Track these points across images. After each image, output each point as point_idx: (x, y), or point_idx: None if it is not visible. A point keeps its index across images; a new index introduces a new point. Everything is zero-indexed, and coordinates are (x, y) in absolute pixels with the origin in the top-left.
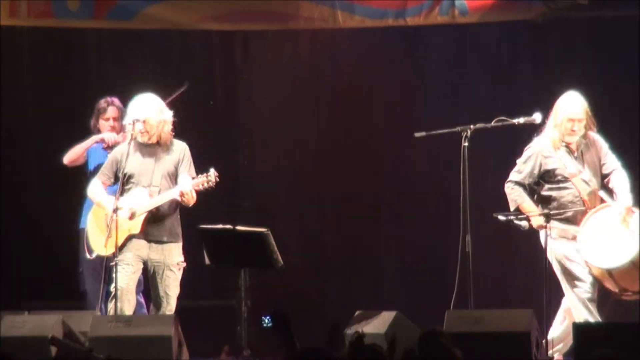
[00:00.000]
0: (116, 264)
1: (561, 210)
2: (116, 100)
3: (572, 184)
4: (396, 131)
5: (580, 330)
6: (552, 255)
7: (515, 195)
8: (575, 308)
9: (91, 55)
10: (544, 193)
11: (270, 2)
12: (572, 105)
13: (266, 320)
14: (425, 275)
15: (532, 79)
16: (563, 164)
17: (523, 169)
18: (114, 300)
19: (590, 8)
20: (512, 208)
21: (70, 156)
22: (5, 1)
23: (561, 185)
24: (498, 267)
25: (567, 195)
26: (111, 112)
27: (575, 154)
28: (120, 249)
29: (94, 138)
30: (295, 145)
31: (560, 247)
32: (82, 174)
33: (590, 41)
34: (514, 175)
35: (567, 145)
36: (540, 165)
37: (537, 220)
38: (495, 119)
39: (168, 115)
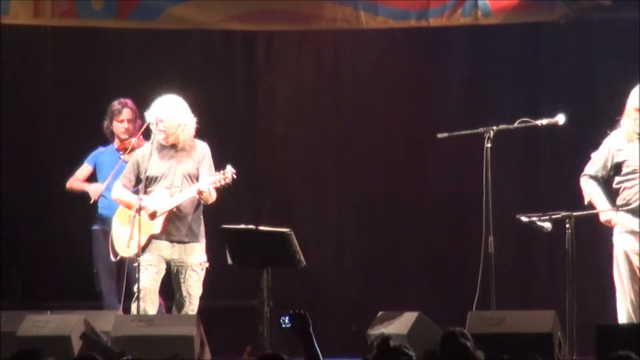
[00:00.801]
0: (138, 265)
1: (628, 204)
2: (130, 102)
3: None
4: (419, 132)
5: (602, 331)
6: (615, 250)
7: (587, 189)
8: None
9: (113, 56)
10: (614, 186)
11: (293, 3)
12: (637, 96)
13: (285, 321)
14: (448, 276)
15: (555, 80)
16: (634, 156)
17: (597, 162)
18: (137, 301)
19: (613, 9)
20: (585, 202)
21: (68, 186)
22: (29, 1)
23: (630, 177)
24: (520, 268)
25: (635, 187)
26: (126, 114)
27: None
28: (142, 249)
29: (82, 187)
30: (316, 146)
31: (624, 240)
32: (92, 178)
33: (613, 42)
34: (587, 169)
35: None
36: (612, 158)
37: (604, 216)
38: (518, 120)
39: (190, 118)
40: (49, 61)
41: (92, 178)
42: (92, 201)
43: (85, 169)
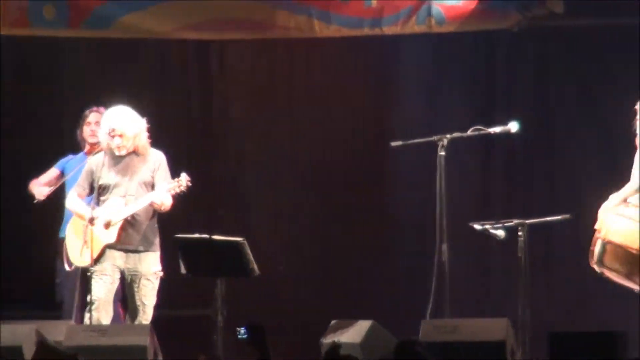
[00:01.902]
0: (91, 274)
1: None
2: (102, 109)
3: None
4: (373, 141)
5: (555, 338)
6: None
7: None
8: None
9: (66, 64)
10: None
11: (247, 12)
12: None
13: (242, 332)
14: (401, 285)
15: (508, 88)
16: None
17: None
18: (91, 311)
19: (566, 17)
20: None
21: (29, 188)
22: None
23: None
24: (474, 276)
25: None
26: (93, 117)
27: None
28: (97, 259)
29: (32, 188)
30: (271, 155)
31: None
32: (60, 178)
33: (566, 50)
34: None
35: None
36: None
37: None
38: (472, 128)
39: (142, 126)
40: (3, 70)
41: (59, 180)
42: (35, 201)
43: (50, 173)
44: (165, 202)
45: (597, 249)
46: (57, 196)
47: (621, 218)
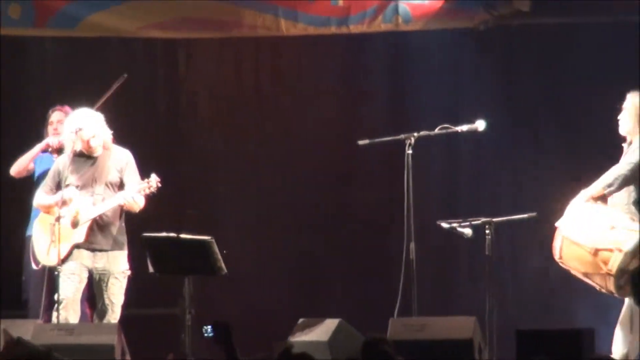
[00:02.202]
0: (59, 274)
1: None
2: (66, 108)
3: None
4: (340, 139)
5: (522, 336)
6: None
7: None
8: None
9: (32, 65)
10: None
11: (214, 11)
12: None
13: (208, 330)
14: (369, 283)
15: (475, 86)
16: None
17: None
18: (58, 310)
19: (532, 15)
20: None
21: (17, 168)
22: None
23: None
24: (441, 274)
25: None
26: (55, 116)
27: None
28: (65, 258)
29: (39, 146)
30: (238, 153)
31: None
32: (27, 181)
33: (532, 48)
34: None
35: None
36: None
37: None
38: (439, 127)
39: (105, 127)
40: None
41: (30, 176)
42: (50, 150)
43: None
44: (137, 202)
45: (556, 243)
46: (24, 194)
47: (582, 216)
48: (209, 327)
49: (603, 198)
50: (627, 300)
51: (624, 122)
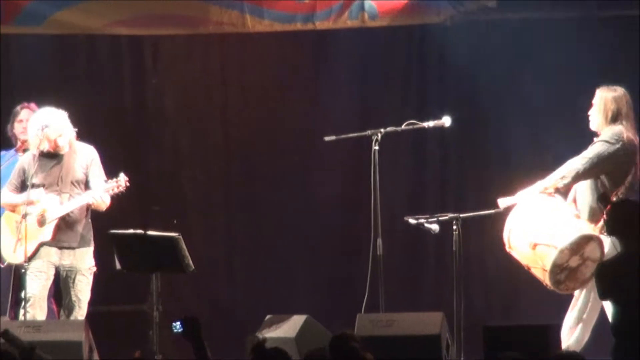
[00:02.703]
0: (25, 271)
1: None
2: (32, 105)
3: None
4: (306, 135)
5: (490, 332)
6: None
7: None
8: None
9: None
10: None
11: (179, 7)
12: None
13: (177, 326)
14: (336, 279)
15: (441, 82)
16: None
17: None
18: (26, 307)
19: (498, 10)
20: None
21: None
22: None
23: None
24: (409, 270)
25: None
26: (24, 114)
27: None
28: (31, 256)
29: None
30: (204, 149)
31: None
32: None
33: (499, 43)
34: None
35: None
36: None
37: None
38: (405, 123)
39: (69, 124)
40: None
41: None
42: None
43: None
44: (105, 201)
45: (504, 234)
46: None
47: (529, 209)
48: (178, 322)
49: (565, 191)
50: (584, 294)
51: (593, 117)
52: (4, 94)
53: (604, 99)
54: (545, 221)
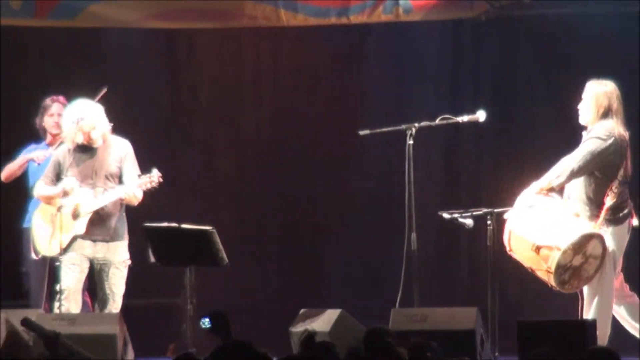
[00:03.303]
0: (60, 264)
1: None
2: (61, 98)
3: None
4: (340, 129)
5: (524, 327)
6: None
7: None
8: None
9: (32, 55)
10: None
11: (214, 1)
12: None
13: (205, 322)
14: (371, 273)
15: (476, 76)
16: None
17: None
18: (60, 300)
19: (532, 6)
20: None
21: (6, 173)
22: None
23: None
24: (443, 265)
25: None
26: (56, 108)
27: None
28: (65, 249)
29: (26, 157)
30: (239, 144)
31: None
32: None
33: (532, 38)
34: None
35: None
36: None
37: None
38: (440, 117)
39: (105, 118)
40: None
41: (24, 174)
42: (37, 164)
43: (17, 160)
44: (137, 196)
45: (505, 236)
46: (20, 186)
47: (529, 210)
48: (207, 318)
49: (560, 189)
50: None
51: (584, 112)
52: (39, 88)
53: (596, 94)
54: (545, 222)
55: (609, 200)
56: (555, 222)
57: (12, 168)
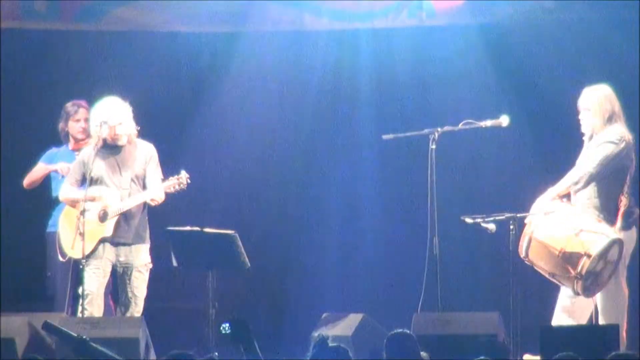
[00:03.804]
0: (84, 267)
1: None
2: (84, 103)
3: None
4: (364, 133)
5: (546, 332)
6: None
7: None
8: None
9: (57, 57)
10: None
11: (236, 4)
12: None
13: (225, 328)
14: (393, 278)
15: (499, 81)
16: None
17: None
18: (83, 305)
19: (556, 10)
20: None
21: (28, 180)
22: None
23: None
24: (465, 269)
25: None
26: (81, 113)
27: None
28: (91, 252)
29: (49, 167)
30: (262, 148)
31: None
32: (48, 177)
33: (556, 43)
34: None
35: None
36: None
37: None
38: (463, 122)
39: (132, 118)
40: None
41: (45, 178)
42: (61, 177)
43: (40, 168)
44: (160, 197)
45: (524, 242)
46: (45, 190)
47: (551, 216)
48: (227, 324)
49: (568, 194)
50: None
51: (589, 120)
52: (61, 92)
53: (598, 99)
54: (570, 228)
55: (623, 205)
56: (580, 228)
57: (33, 177)
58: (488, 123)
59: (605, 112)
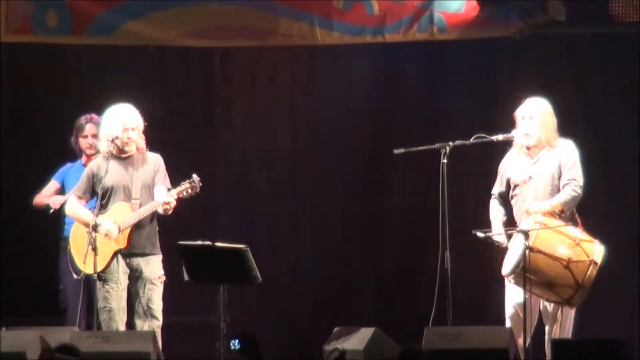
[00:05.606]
0: (103, 283)
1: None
2: (95, 117)
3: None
4: (375, 148)
5: (557, 346)
6: None
7: (490, 213)
8: None
9: (69, 72)
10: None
11: (249, 19)
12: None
13: (235, 344)
14: (404, 292)
15: (510, 95)
16: (517, 171)
17: (497, 178)
18: (104, 318)
19: (567, 25)
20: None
21: (36, 200)
22: None
23: (514, 194)
24: (477, 283)
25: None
26: (89, 129)
27: (533, 160)
28: (107, 266)
29: (44, 201)
30: (273, 162)
31: None
32: (60, 192)
33: (567, 57)
34: (494, 187)
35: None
36: (505, 171)
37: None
38: (474, 136)
39: (142, 127)
40: (3, 77)
41: (60, 194)
42: (51, 211)
43: (52, 185)
44: (172, 202)
45: (514, 262)
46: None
47: (548, 230)
48: (236, 340)
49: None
50: None
51: (541, 132)
52: (73, 107)
53: (547, 111)
54: (569, 239)
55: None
56: (576, 237)
57: (39, 201)
58: (499, 137)
59: (554, 123)
